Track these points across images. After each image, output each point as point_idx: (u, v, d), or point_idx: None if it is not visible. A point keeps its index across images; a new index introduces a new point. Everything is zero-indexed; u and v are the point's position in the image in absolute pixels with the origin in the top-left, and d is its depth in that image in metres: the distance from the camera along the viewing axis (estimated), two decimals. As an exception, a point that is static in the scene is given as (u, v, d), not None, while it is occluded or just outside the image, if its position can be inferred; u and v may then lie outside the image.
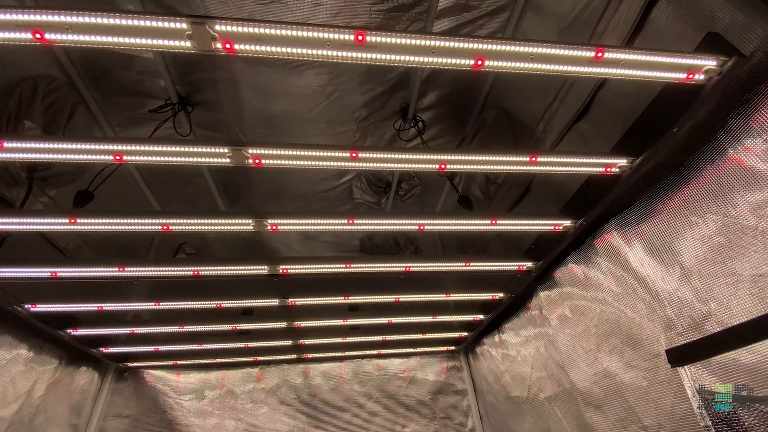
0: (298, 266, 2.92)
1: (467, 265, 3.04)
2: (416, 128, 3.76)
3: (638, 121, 2.19)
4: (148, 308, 3.31)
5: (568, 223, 2.71)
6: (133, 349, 4.24)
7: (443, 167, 2.17)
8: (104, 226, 2.36)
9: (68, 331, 3.55)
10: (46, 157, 1.94)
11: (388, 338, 4.52)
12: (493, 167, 2.24)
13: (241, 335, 4.24)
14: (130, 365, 4.62)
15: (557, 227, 2.74)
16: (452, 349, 5.23)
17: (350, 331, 4.38)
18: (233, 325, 3.83)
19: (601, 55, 1.71)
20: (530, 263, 3.18)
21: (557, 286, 3.37)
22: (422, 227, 2.60)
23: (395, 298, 3.55)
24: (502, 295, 3.67)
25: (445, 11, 3.05)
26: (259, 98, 3.49)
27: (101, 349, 4.06)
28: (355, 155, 2.03)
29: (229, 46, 1.57)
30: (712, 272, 2.08)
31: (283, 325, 3.90)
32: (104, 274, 2.77)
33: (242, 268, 2.88)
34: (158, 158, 2.03)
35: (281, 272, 2.92)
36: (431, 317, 4.13)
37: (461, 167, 2.24)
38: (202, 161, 2.04)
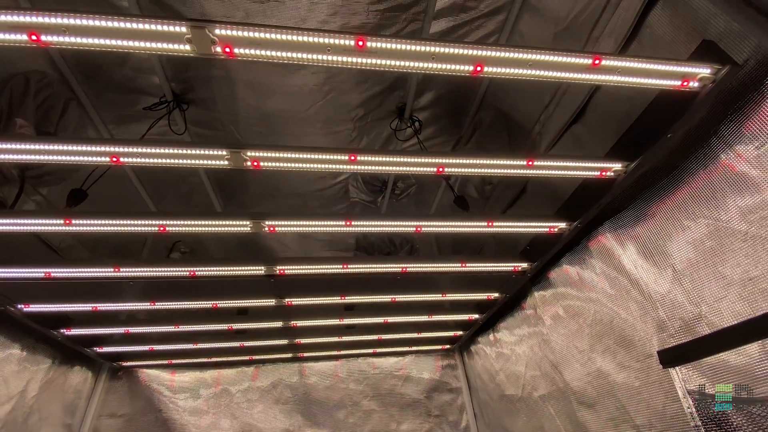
0: (295, 267, 2.93)
1: (463, 265, 3.07)
2: (413, 128, 3.76)
3: (633, 126, 2.21)
4: (143, 308, 3.28)
5: (563, 225, 2.74)
6: (127, 348, 4.22)
7: (441, 170, 2.19)
8: (100, 227, 2.34)
9: (62, 330, 3.52)
10: (42, 158, 1.92)
11: (383, 337, 4.54)
12: (490, 171, 2.26)
13: (236, 334, 4.24)
14: (124, 364, 4.60)
15: (552, 229, 2.77)
16: (447, 347, 5.27)
17: (346, 330, 4.40)
18: (229, 324, 3.82)
19: (598, 62, 1.73)
20: (525, 264, 3.22)
21: (552, 286, 3.41)
22: (419, 229, 2.62)
23: (392, 298, 3.57)
24: (497, 295, 3.70)
25: (442, 11, 3.05)
26: (255, 96, 3.47)
27: (95, 348, 4.03)
28: (353, 158, 2.04)
29: (228, 50, 1.56)
30: (703, 275, 2.12)
31: (279, 324, 3.90)
32: (99, 274, 2.75)
33: (239, 268, 2.87)
34: (156, 160, 2.01)
35: (278, 273, 2.92)
36: (427, 317, 4.15)
37: (459, 170, 2.25)
38: (200, 163, 2.03)
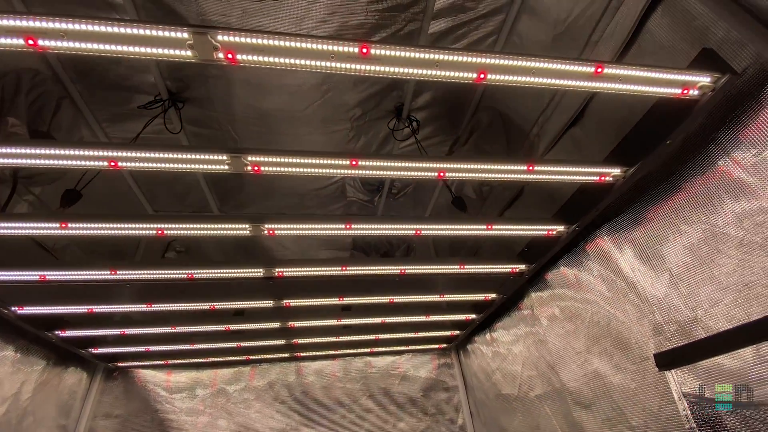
0: (293, 269, 2.92)
1: (462, 267, 3.08)
2: (410, 128, 3.75)
3: (632, 132, 2.23)
4: (139, 310, 3.26)
5: (561, 228, 2.76)
6: (123, 349, 4.19)
7: (442, 175, 2.19)
8: (96, 230, 2.31)
9: (56, 332, 3.49)
10: (38, 163, 1.88)
11: (380, 337, 4.56)
12: (491, 176, 2.26)
13: (233, 334, 4.22)
14: (119, 365, 4.57)
15: (551, 232, 2.79)
16: (444, 346, 5.31)
17: (343, 330, 4.40)
18: (226, 325, 3.81)
19: (600, 70, 1.73)
20: (523, 266, 3.24)
21: (549, 287, 3.44)
22: (419, 232, 2.62)
23: (389, 299, 3.57)
24: (494, 295, 3.73)
25: (441, 12, 3.03)
26: (252, 95, 3.44)
27: (90, 349, 4.00)
28: (355, 163, 2.03)
29: (231, 56, 1.54)
30: (699, 280, 2.15)
31: (276, 325, 3.90)
32: (95, 277, 2.71)
33: (237, 271, 2.86)
34: (154, 164, 1.99)
35: (276, 275, 2.91)
36: (424, 317, 4.17)
37: (459, 175, 2.25)
38: (199, 168, 2.01)
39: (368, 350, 5.11)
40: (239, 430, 4.54)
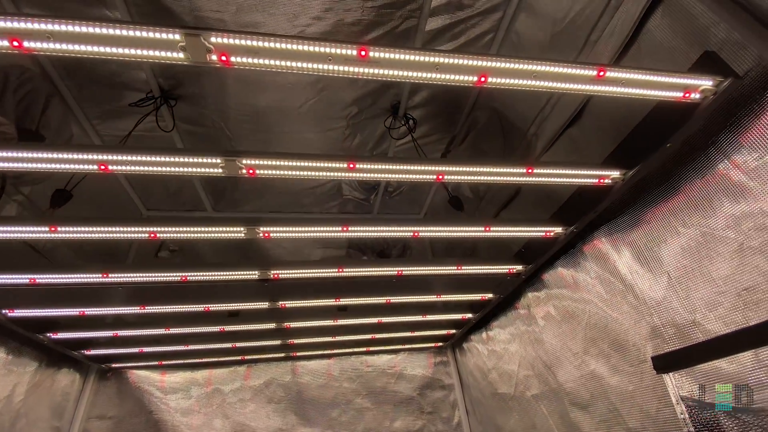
0: (289, 271, 2.89)
1: (459, 268, 3.06)
2: (407, 126, 3.72)
3: (632, 134, 2.21)
4: (133, 312, 3.21)
5: (559, 229, 2.75)
6: (116, 350, 4.14)
7: (441, 178, 2.16)
8: (87, 233, 2.26)
9: (48, 335, 3.43)
10: (27, 166, 1.82)
11: (377, 336, 4.54)
12: (490, 178, 2.24)
13: (228, 335, 4.19)
14: (113, 366, 4.52)
15: (549, 233, 2.78)
16: (440, 345, 5.30)
17: (339, 330, 4.38)
18: (221, 326, 3.77)
19: (603, 73, 1.71)
20: (520, 266, 3.23)
21: (546, 288, 3.43)
22: (417, 234, 2.60)
23: (386, 299, 3.56)
24: (491, 295, 3.72)
25: (438, 9, 2.99)
26: (246, 92, 3.38)
27: (83, 351, 3.95)
28: (353, 166, 1.99)
29: (225, 58, 1.49)
30: (698, 283, 2.14)
31: (272, 325, 3.87)
32: (87, 280, 2.66)
33: (232, 273, 2.82)
34: (145, 168, 1.93)
35: (272, 277, 2.88)
36: (420, 316, 4.16)
37: (458, 178, 2.23)
38: (193, 171, 1.96)
39: (364, 349, 5.10)
40: (235, 430, 4.52)
